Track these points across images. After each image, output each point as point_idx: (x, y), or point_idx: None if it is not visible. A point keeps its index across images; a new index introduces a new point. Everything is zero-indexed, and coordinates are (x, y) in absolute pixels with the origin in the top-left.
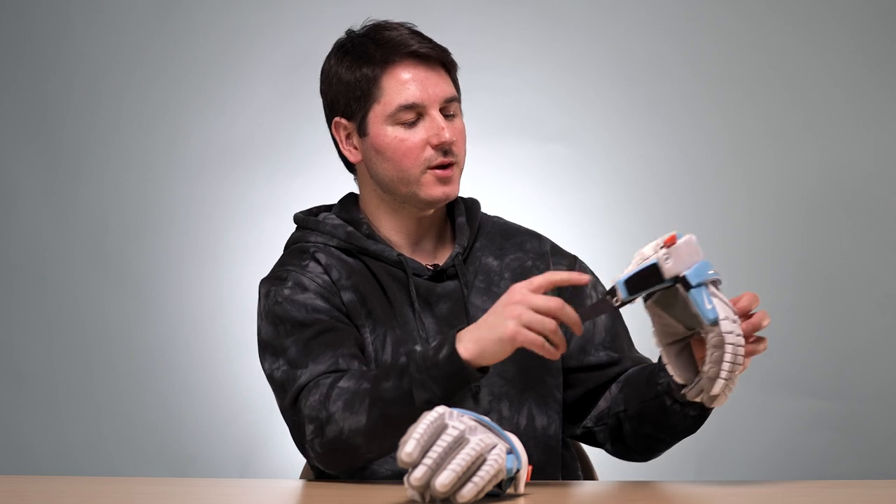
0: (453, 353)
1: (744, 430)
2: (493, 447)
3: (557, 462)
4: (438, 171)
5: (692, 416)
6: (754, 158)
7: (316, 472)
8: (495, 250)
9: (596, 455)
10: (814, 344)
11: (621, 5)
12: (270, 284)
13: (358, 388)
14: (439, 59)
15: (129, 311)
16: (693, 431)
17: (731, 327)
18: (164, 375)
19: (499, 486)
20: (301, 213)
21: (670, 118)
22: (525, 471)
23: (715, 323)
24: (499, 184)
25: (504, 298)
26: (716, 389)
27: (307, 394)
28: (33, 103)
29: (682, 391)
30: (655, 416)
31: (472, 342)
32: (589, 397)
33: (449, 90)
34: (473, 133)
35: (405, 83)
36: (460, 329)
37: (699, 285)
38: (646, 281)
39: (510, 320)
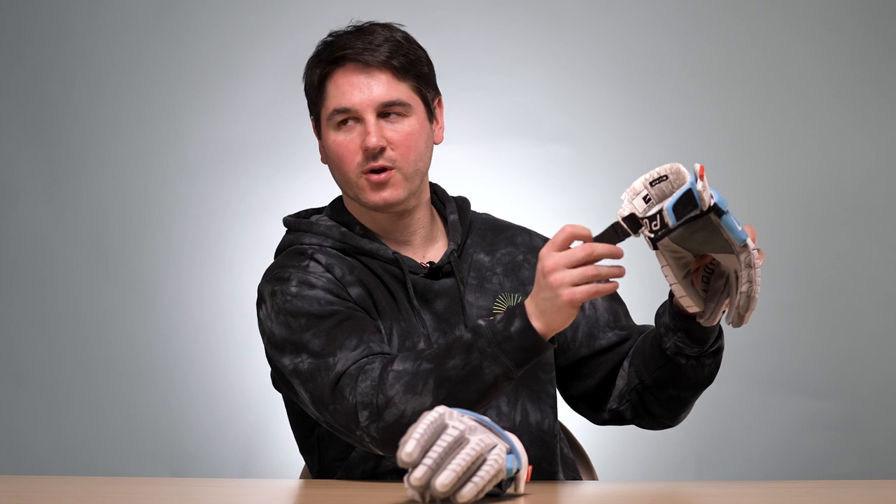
0: (528, 326)
1: (744, 430)
2: (493, 447)
3: (554, 457)
4: (372, 176)
5: (708, 366)
6: (754, 159)
7: (315, 473)
8: (486, 246)
9: (596, 455)
10: (814, 344)
11: (621, 5)
12: (273, 285)
13: (417, 370)
14: (386, 65)
15: (128, 310)
16: (712, 380)
17: (753, 246)
18: (164, 375)
19: (499, 486)
20: (290, 216)
21: (670, 118)
22: (525, 471)
23: (745, 245)
24: (499, 184)
25: (539, 269)
26: (753, 305)
27: (351, 381)
28: (33, 103)
29: (715, 320)
30: (673, 379)
31: (539, 314)
32: (608, 380)
33: (388, 94)
34: (473, 133)
35: (340, 87)
36: (521, 304)
37: (727, 211)
38: (685, 208)
39: (558, 289)
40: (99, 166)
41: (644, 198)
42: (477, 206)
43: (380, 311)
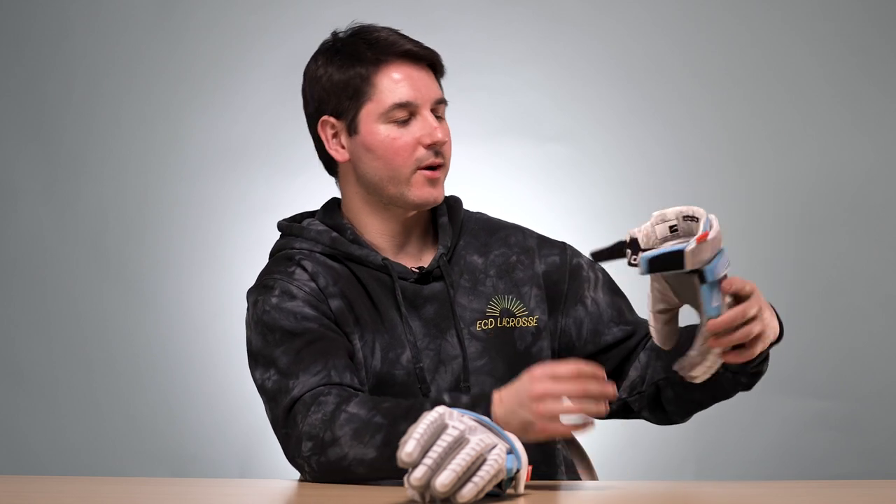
0: (488, 415)
1: (744, 430)
2: (493, 447)
3: (553, 460)
4: (427, 172)
5: (743, 384)
6: (754, 159)
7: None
8: (479, 247)
9: (596, 455)
10: (813, 344)
11: (621, 5)
12: (258, 294)
13: (370, 420)
14: (430, 61)
15: (128, 310)
16: (747, 389)
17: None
18: (164, 375)
19: (499, 486)
20: (284, 220)
21: (670, 118)
22: (525, 471)
23: (710, 318)
24: (498, 184)
25: (527, 387)
26: (698, 373)
27: (304, 408)
28: (33, 103)
29: (673, 367)
30: (704, 384)
31: (504, 423)
32: (616, 373)
33: (439, 92)
34: (473, 133)
35: (398, 82)
36: (489, 397)
37: (712, 283)
38: (667, 264)
39: (536, 418)
40: (99, 166)
41: (671, 227)
42: (476, 206)
43: (361, 325)
